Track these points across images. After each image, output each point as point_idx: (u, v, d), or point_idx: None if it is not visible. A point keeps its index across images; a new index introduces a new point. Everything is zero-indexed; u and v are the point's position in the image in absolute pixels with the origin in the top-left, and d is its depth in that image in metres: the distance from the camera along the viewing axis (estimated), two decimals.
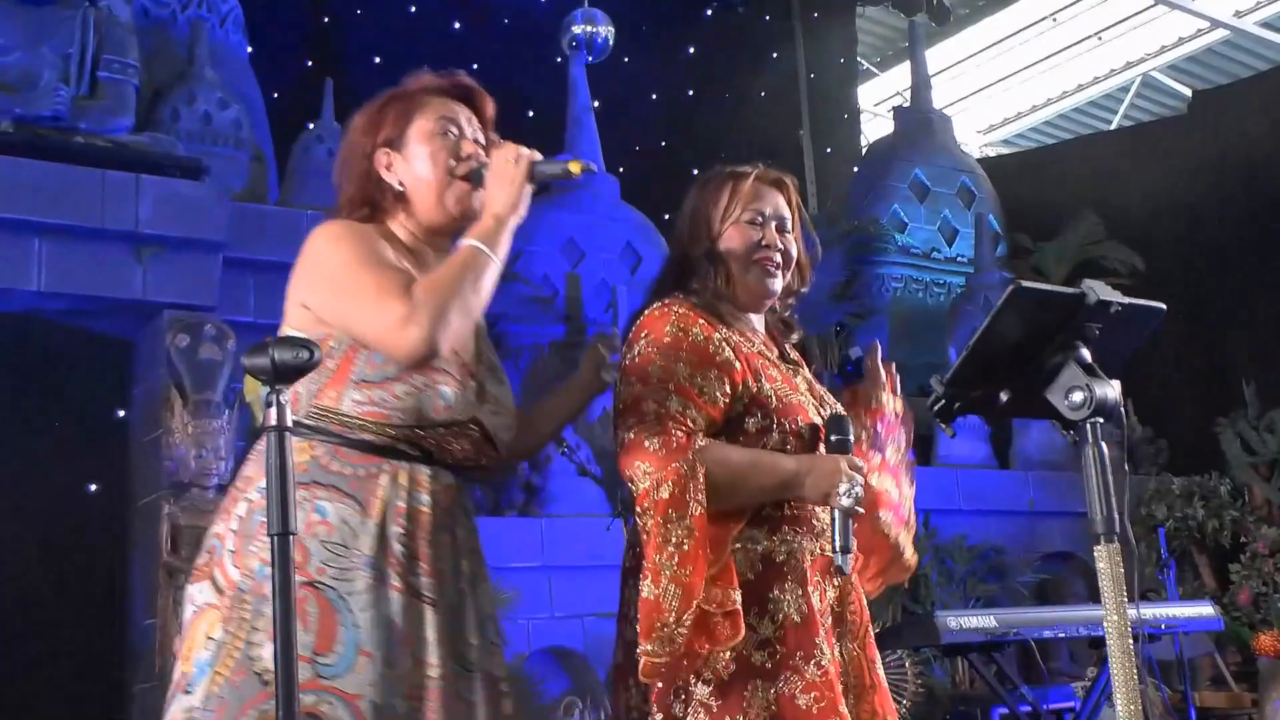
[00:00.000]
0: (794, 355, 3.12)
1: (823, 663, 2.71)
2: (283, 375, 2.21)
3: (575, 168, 2.70)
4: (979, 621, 6.29)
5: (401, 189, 2.74)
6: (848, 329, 11.28)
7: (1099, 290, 2.31)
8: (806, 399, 2.91)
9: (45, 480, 7.94)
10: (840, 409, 2.96)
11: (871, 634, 2.95)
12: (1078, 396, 2.29)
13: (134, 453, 8.13)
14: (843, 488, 2.70)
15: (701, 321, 2.88)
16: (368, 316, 2.47)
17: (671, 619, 2.57)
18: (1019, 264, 12.28)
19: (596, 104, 11.52)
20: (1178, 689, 8.03)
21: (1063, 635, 6.71)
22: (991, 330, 2.33)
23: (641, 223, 10.99)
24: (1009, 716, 6.87)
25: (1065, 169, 13.30)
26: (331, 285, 2.54)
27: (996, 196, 12.83)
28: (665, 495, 2.64)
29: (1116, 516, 2.25)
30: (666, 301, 2.95)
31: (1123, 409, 2.33)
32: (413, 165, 2.74)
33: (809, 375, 3.07)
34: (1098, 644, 6.76)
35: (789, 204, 3.13)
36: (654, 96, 13.03)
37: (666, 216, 11.46)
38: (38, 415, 8.08)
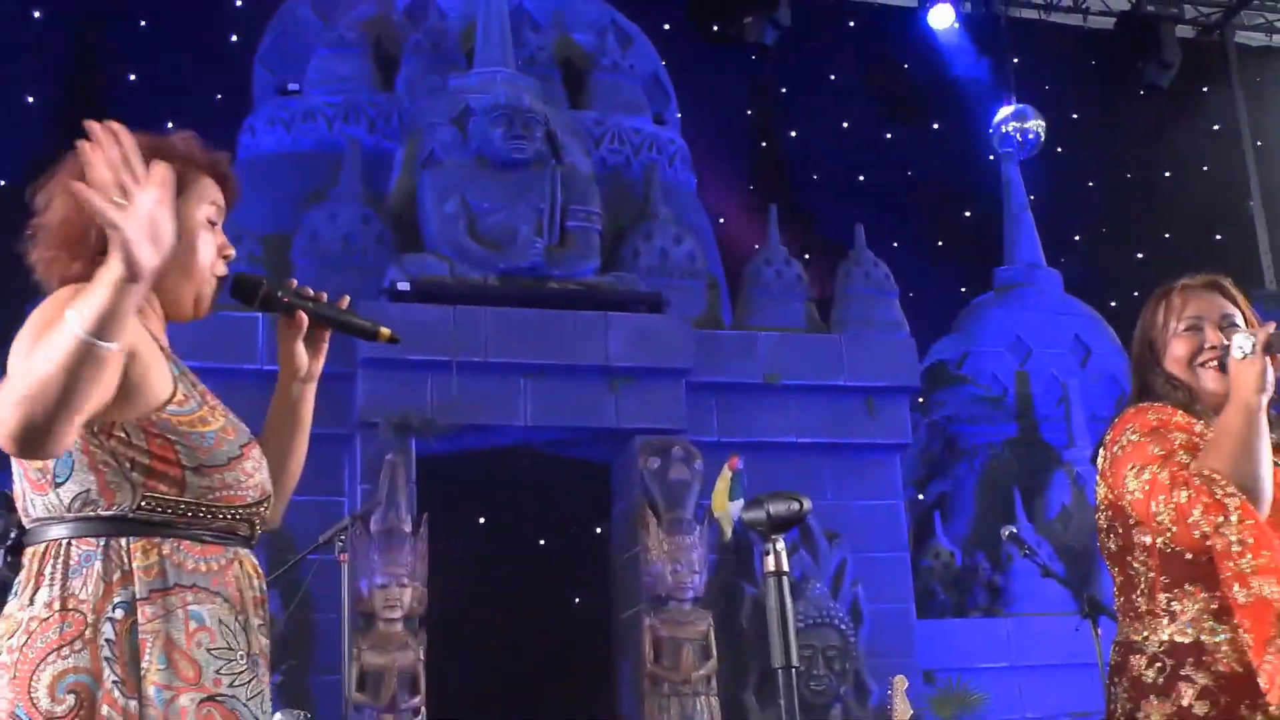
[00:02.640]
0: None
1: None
2: (778, 526, 2.49)
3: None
4: None
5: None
6: None
7: None
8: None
9: (536, 592, 8.66)
10: None
11: None
12: None
13: (614, 567, 8.73)
14: (1234, 350, 2.81)
15: (1181, 413, 2.97)
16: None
17: None
18: None
19: (1032, 197, 11.53)
20: None
21: None
22: None
23: (1088, 314, 10.87)
24: None
25: None
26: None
27: None
28: (1204, 510, 2.73)
29: None
30: (1148, 405, 3.05)
31: None
32: (183, 246, 2.23)
33: None
34: None
35: (1232, 301, 3.11)
36: (1090, 184, 12.88)
37: (1114, 304, 11.30)
38: (529, 534, 8.86)
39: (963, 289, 11.63)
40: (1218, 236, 13.54)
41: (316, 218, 8.57)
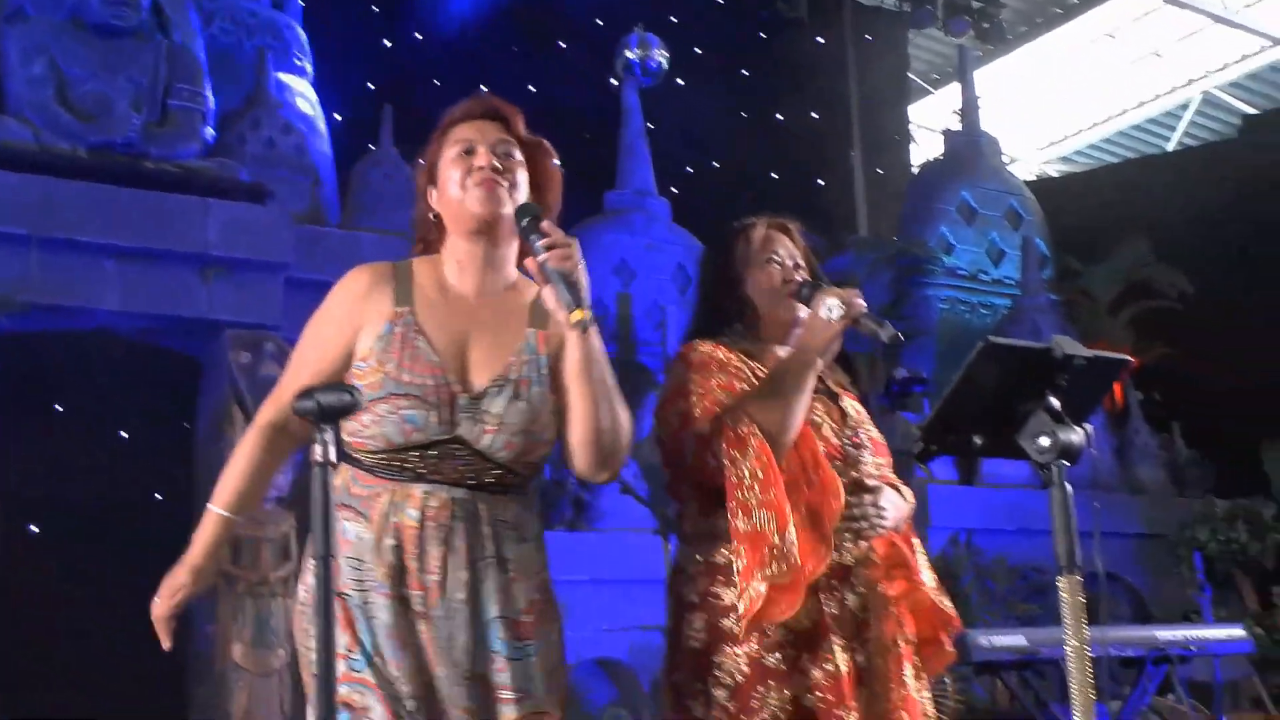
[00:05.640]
0: (833, 385, 3.28)
1: (829, 667, 2.94)
2: (327, 416, 2.45)
3: None
4: (1009, 640, 6.35)
5: (437, 217, 2.90)
6: (894, 349, 11.43)
7: (1065, 346, 2.53)
8: (824, 420, 3.10)
9: (114, 488, 8.28)
10: (830, 409, 3.15)
11: (905, 649, 3.07)
12: (1044, 441, 2.52)
13: (199, 464, 8.44)
14: (823, 309, 2.98)
15: (724, 350, 3.11)
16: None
17: (776, 539, 2.84)
18: (1066, 286, 12.39)
19: (650, 126, 11.76)
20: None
21: (1092, 655, 6.78)
22: (966, 380, 2.55)
23: (693, 244, 11.19)
24: None
25: (1115, 192, 13.40)
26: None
27: (1044, 219, 12.95)
28: (724, 443, 2.92)
29: (1077, 550, 2.48)
30: (695, 343, 3.18)
31: (1172, 432, 2.50)
32: (443, 192, 2.85)
33: (848, 404, 3.23)
34: (1130, 664, 6.86)
35: (796, 245, 3.33)
36: (707, 118, 13.25)
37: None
38: (109, 427, 8.44)
39: (574, 210, 11.76)
40: (820, 182, 14.21)
41: None
